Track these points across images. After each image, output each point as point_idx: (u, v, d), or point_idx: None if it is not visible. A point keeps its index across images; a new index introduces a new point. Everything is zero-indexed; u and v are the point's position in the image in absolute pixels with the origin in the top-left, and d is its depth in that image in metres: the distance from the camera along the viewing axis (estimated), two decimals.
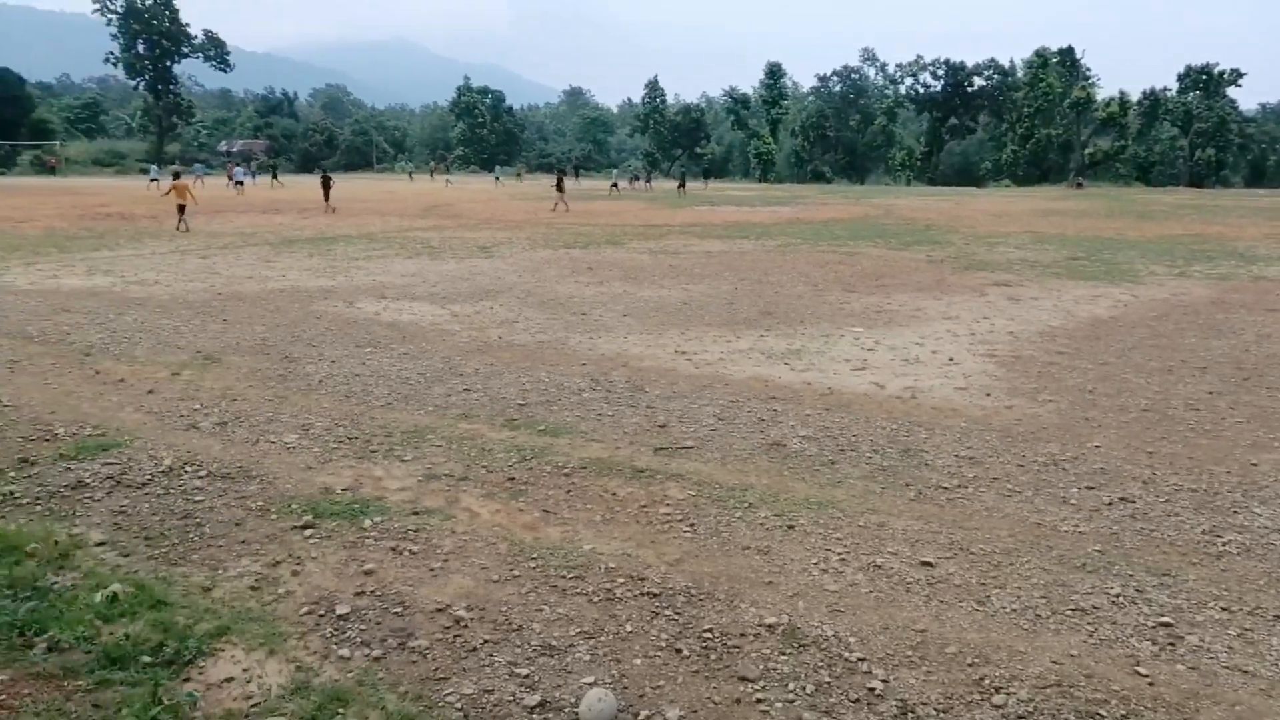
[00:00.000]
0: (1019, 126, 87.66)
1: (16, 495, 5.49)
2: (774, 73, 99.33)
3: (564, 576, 4.52)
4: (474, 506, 5.43)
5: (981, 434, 7.00)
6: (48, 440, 6.52)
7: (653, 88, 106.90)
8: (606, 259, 18.81)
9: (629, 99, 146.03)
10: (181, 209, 24.70)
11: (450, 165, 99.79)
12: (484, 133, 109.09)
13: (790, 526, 5.16)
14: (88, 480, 5.76)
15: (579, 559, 4.72)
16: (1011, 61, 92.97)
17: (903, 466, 6.23)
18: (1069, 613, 4.21)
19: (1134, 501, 5.61)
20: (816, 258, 19.56)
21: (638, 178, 71.32)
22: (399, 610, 4.18)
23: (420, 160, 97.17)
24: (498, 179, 74.98)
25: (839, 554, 4.80)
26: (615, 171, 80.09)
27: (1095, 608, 4.26)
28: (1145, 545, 4.98)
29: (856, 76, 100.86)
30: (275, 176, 58.74)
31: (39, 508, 5.34)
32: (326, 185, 34.87)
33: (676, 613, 4.17)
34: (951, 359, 9.70)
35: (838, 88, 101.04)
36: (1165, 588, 4.47)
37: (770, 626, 4.05)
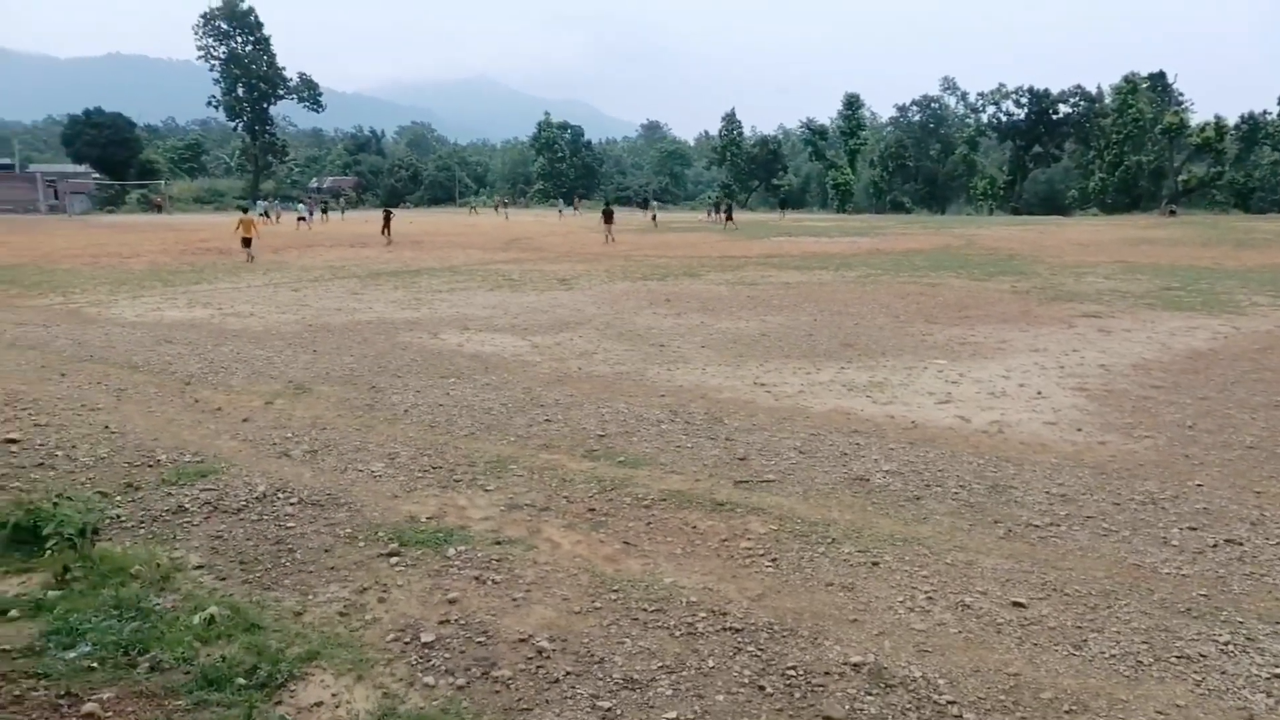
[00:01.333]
0: (1107, 154, 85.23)
1: (123, 519, 5.74)
2: (852, 103, 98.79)
3: (645, 609, 4.51)
4: (555, 537, 5.47)
5: (1073, 470, 6.77)
6: (151, 466, 6.80)
7: (729, 120, 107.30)
8: (684, 290, 18.87)
9: (705, 131, 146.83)
10: (247, 242, 26.40)
11: (531, 199, 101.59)
12: (563, 166, 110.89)
13: (875, 563, 5.06)
14: (187, 505, 5.98)
15: (660, 592, 4.70)
16: (1099, 87, 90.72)
17: (990, 503, 6.06)
18: (1174, 660, 4.02)
19: (1241, 544, 5.34)
20: (897, 289, 19.28)
21: (719, 209, 71.60)
22: (482, 639, 4.23)
23: (499, 193, 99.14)
24: (560, 212, 76.50)
25: (926, 592, 4.68)
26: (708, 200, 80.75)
27: (1202, 656, 4.06)
28: (1255, 590, 4.73)
29: (936, 105, 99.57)
30: (326, 212, 61.38)
31: (143, 531, 5.57)
32: (387, 219, 36.20)
33: (759, 649, 4.12)
34: (1040, 393, 9.43)
35: (917, 117, 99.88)
36: (1279, 636, 4.24)
37: (856, 665, 3.97)
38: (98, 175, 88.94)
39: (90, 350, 11.58)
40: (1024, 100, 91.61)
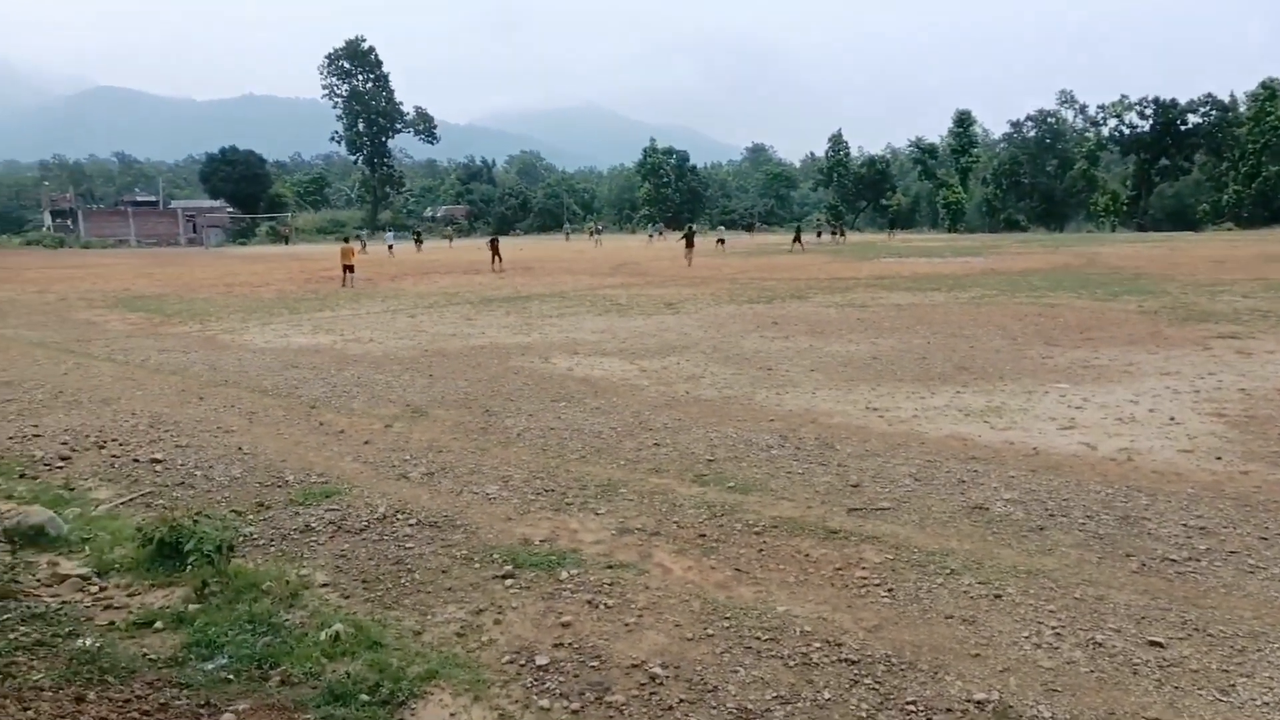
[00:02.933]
0: (1242, 165, 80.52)
1: (255, 537, 6.03)
2: (963, 120, 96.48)
3: (758, 638, 4.46)
4: (666, 562, 5.47)
5: (1213, 501, 6.38)
6: (280, 486, 7.13)
7: (836, 141, 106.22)
8: (791, 313, 18.70)
9: (811, 153, 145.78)
10: (348, 269, 28.51)
11: (638, 224, 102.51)
12: (669, 192, 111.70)
13: (997, 595, 4.87)
14: (314, 525, 6.24)
15: (773, 620, 4.64)
16: (1232, 95, 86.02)
17: (1121, 535, 5.76)
18: None
19: None
20: (1014, 310, 18.63)
21: (834, 230, 70.82)
22: (596, 664, 4.25)
23: (595, 219, 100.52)
24: (650, 236, 77.03)
25: (1053, 627, 4.48)
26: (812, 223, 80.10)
27: None
28: None
29: (1053, 120, 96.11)
30: (419, 241, 63.07)
31: (273, 549, 5.84)
32: (494, 246, 36.92)
33: (877, 682, 4.02)
34: (1173, 418, 8.94)
35: (1032, 132, 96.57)
36: None
37: (979, 703, 3.82)
38: (231, 209, 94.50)
39: (224, 375, 12.25)
40: (1149, 111, 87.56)
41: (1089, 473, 7.17)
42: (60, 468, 7.75)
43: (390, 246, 57.31)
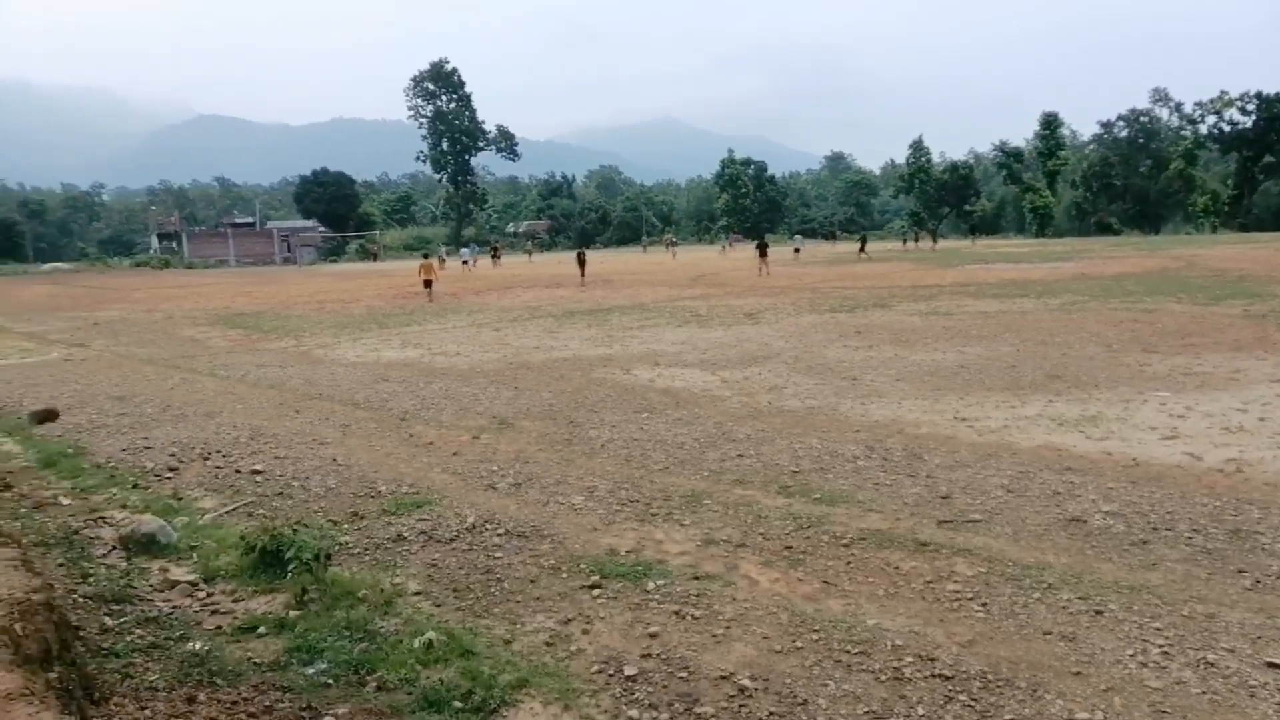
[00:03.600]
0: None
1: (350, 546, 6.21)
2: (1050, 122, 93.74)
3: (848, 651, 4.40)
4: (753, 574, 5.44)
5: None
6: (373, 497, 7.34)
7: (917, 147, 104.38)
8: (875, 322, 18.42)
9: (891, 160, 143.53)
10: (428, 284, 29.75)
11: (715, 235, 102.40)
12: (747, 202, 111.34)
13: (1098, 612, 4.71)
14: (405, 534, 6.40)
15: (863, 634, 4.58)
16: None
17: (1232, 550, 5.51)
18: None
19: None
20: (1108, 316, 17.99)
21: (918, 238, 69.65)
22: (684, 675, 4.26)
23: (667, 232, 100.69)
24: (722, 248, 76.69)
25: (1160, 646, 4.31)
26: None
27: None
28: None
29: (1146, 119, 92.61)
30: (496, 257, 63.33)
31: (367, 558, 6.01)
32: (581, 261, 37.08)
33: (973, 699, 3.92)
34: None
35: (1124, 132, 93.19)
36: None
37: None
38: (323, 228, 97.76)
39: (319, 389, 12.66)
40: (1251, 107, 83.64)
41: (1194, 485, 6.87)
42: (169, 478, 8.11)
43: (465, 262, 58.43)
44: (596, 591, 5.26)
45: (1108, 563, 5.38)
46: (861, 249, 52.40)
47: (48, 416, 10.73)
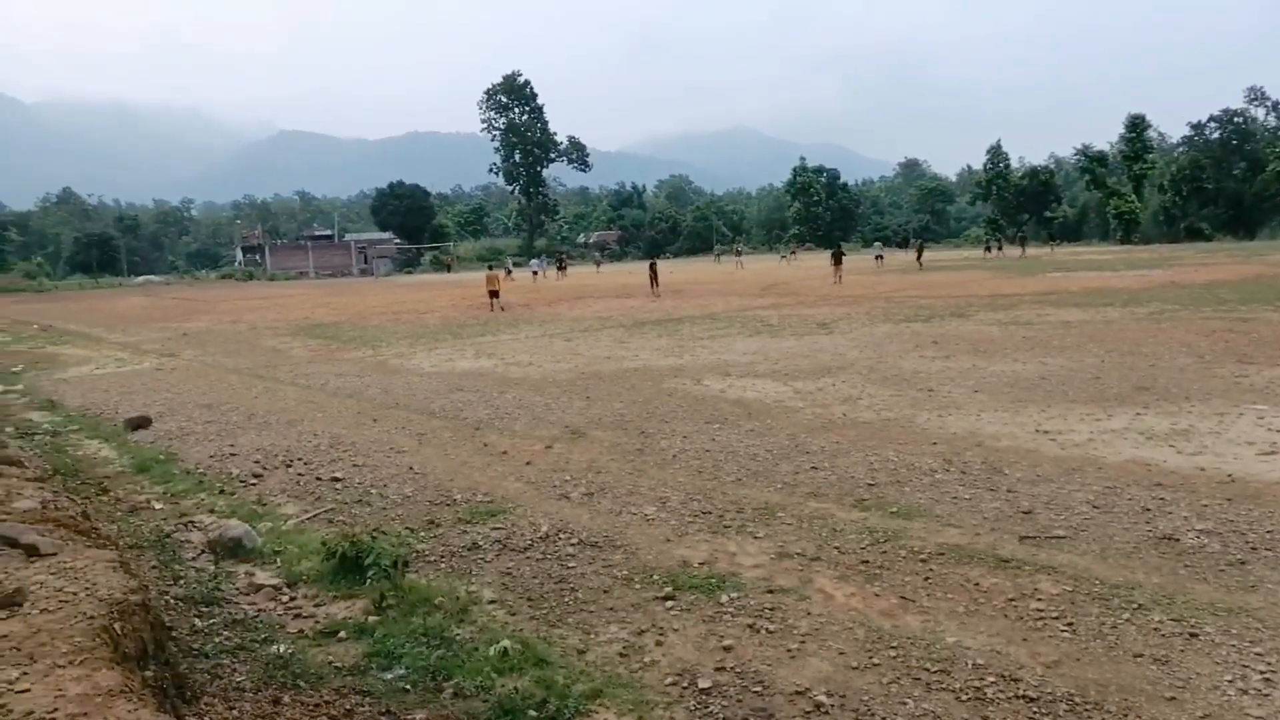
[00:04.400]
0: None
1: (426, 553, 6.32)
2: (1135, 125, 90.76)
3: (927, 669, 4.31)
4: (828, 588, 5.37)
5: None
6: (448, 505, 7.45)
7: (995, 152, 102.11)
8: (951, 332, 18.04)
9: (968, 166, 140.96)
10: (493, 294, 30.52)
11: (786, 244, 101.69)
12: (819, 210, 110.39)
13: (1193, 634, 4.52)
14: (480, 543, 6.48)
15: (943, 651, 4.47)
16: None
17: None
18: None
19: None
20: (1200, 325, 17.30)
21: (1000, 245, 67.99)
22: (759, 689, 4.22)
23: (735, 241, 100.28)
24: (782, 256, 76.07)
25: (1261, 672, 4.11)
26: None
27: None
28: None
29: (1240, 120, 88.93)
30: (562, 269, 63.10)
31: (443, 565, 6.10)
32: (653, 271, 36.70)
33: None
34: None
35: (1216, 134, 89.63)
36: None
37: None
38: (399, 240, 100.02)
39: (395, 398, 12.93)
40: None
41: None
42: (253, 484, 8.37)
43: (535, 273, 59.27)
44: (670, 603, 5.25)
45: (1203, 583, 5.16)
46: (918, 256, 50.96)
47: (141, 424, 11.18)
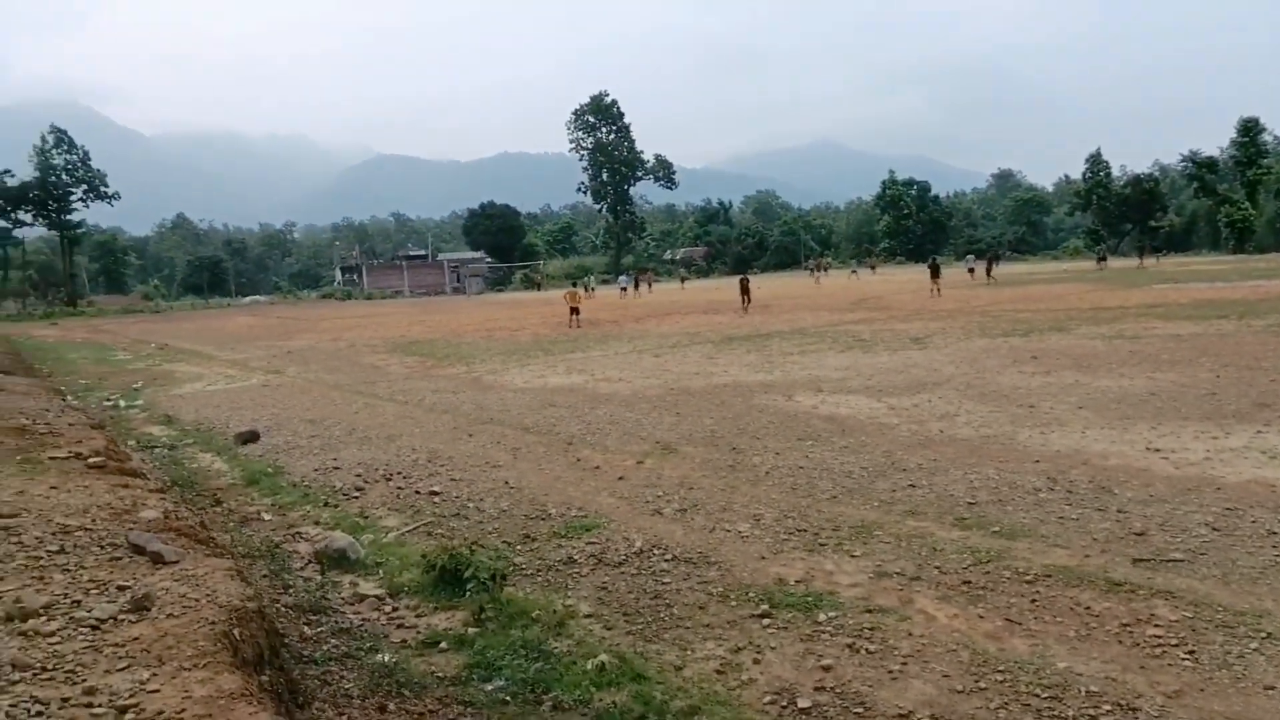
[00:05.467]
0: None
1: (522, 567, 6.40)
2: (1248, 129, 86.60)
3: (1037, 695, 4.16)
4: (929, 609, 5.24)
5: None
6: (544, 519, 7.54)
7: (1094, 160, 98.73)
8: (1052, 346, 17.45)
9: (1065, 176, 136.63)
10: (574, 311, 30.96)
11: (877, 258, 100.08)
12: (909, 223, 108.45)
13: None
14: (576, 557, 6.54)
15: (1053, 677, 4.31)
16: None
17: None
18: None
19: None
20: None
21: (1102, 257, 65.52)
22: (860, 710, 4.14)
23: (817, 255, 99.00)
24: (853, 271, 74.86)
25: None
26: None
27: None
28: None
29: None
30: (638, 285, 62.70)
31: (540, 579, 6.17)
32: (744, 286, 36.28)
33: None
34: None
35: None
36: None
37: None
38: (490, 259, 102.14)
39: (490, 413, 13.17)
40: None
41: None
42: (356, 497, 8.63)
43: (624, 289, 60.24)
44: (766, 621, 5.20)
45: None
46: (988, 270, 47.99)
47: (250, 438, 11.65)
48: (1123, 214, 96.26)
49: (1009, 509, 7.08)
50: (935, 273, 38.32)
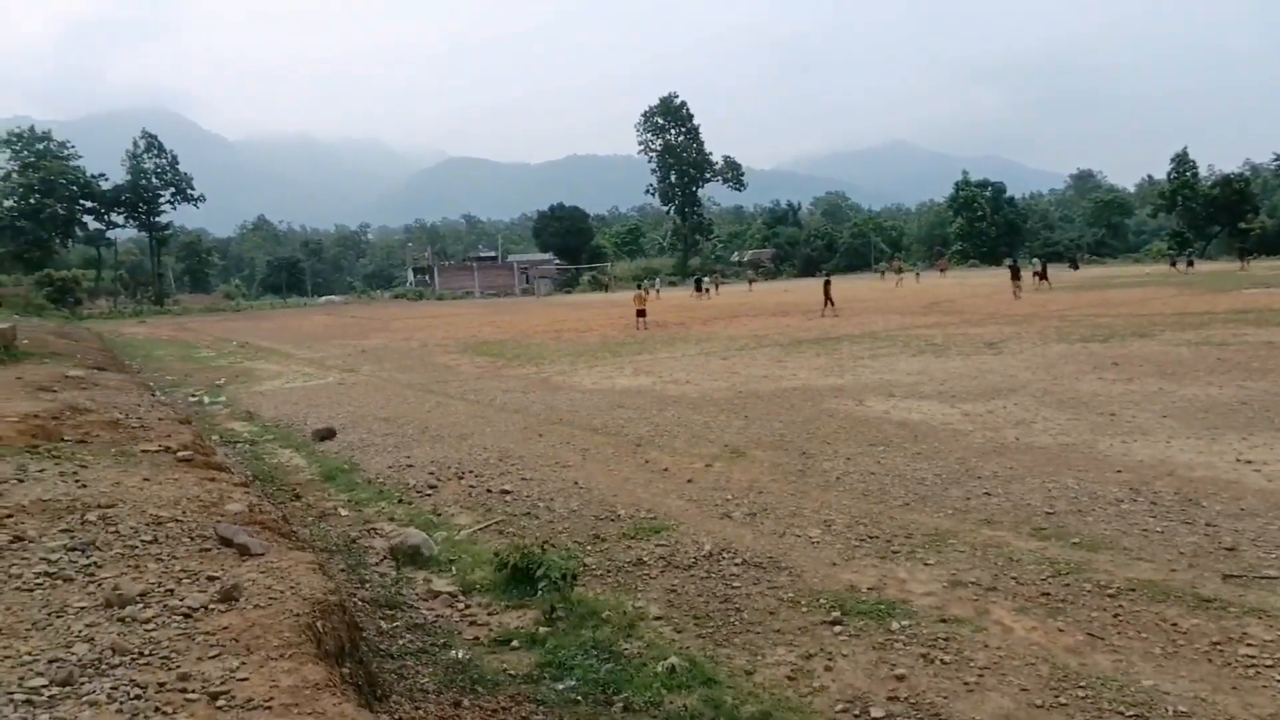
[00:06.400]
0: None
1: (592, 567, 6.45)
2: None
3: (1121, 713, 4.04)
4: (1006, 620, 5.13)
5: None
6: (613, 520, 7.58)
7: (1180, 160, 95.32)
8: (1134, 353, 16.90)
9: (1148, 176, 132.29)
10: (641, 313, 31.05)
11: (950, 260, 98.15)
12: (983, 225, 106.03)
13: None
14: (645, 559, 6.56)
15: (1138, 695, 4.18)
16: None
17: None
18: None
19: None
20: None
21: (1189, 261, 63.18)
22: None
23: (893, 257, 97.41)
24: (915, 274, 73.38)
25: None
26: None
27: None
28: None
29: None
30: (701, 289, 61.10)
31: (609, 580, 6.21)
32: (827, 289, 35.24)
33: None
34: None
35: None
36: None
37: None
38: (558, 261, 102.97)
39: (559, 414, 13.29)
40: None
41: None
42: (429, 495, 8.79)
43: (706, 290, 60.24)
44: (838, 628, 5.15)
45: None
46: (1040, 275, 43.89)
47: (327, 435, 11.96)
48: (1210, 215, 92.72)
49: (1089, 520, 6.89)
50: (1016, 274, 37.99)
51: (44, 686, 3.12)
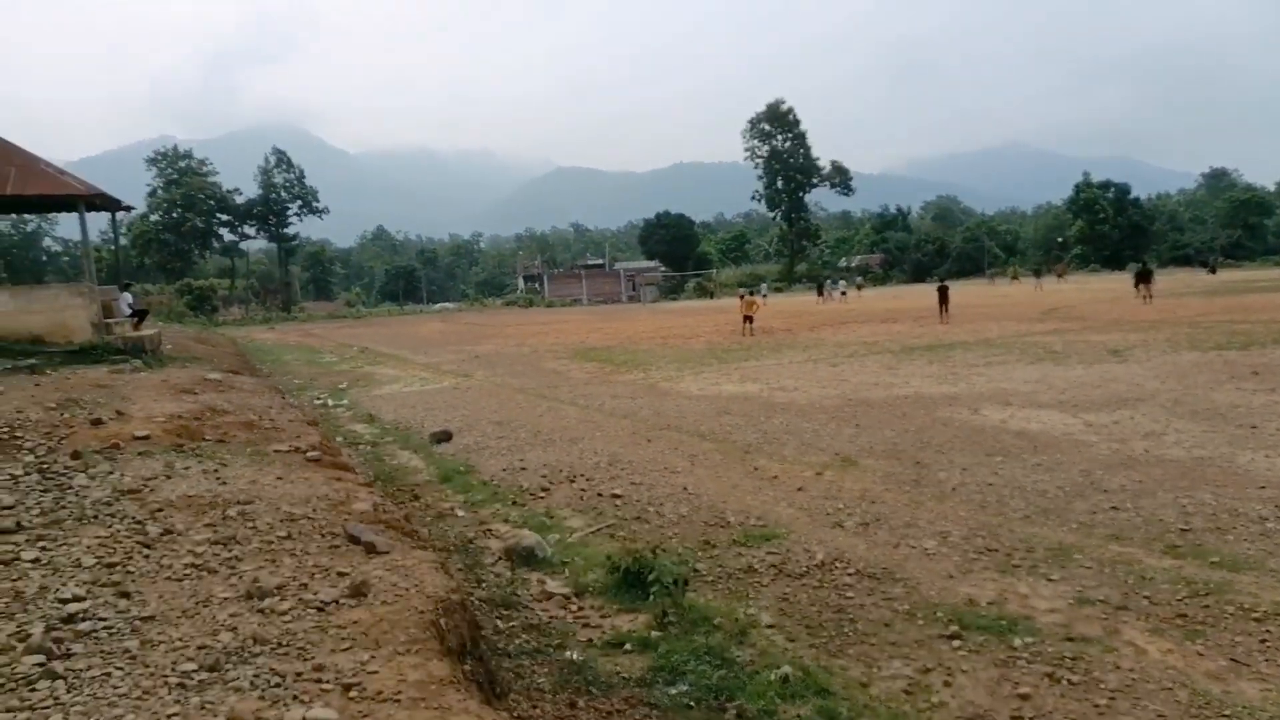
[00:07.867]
0: None
1: (702, 573, 6.46)
2: None
3: None
4: (1138, 641, 4.90)
5: None
6: (722, 527, 7.58)
7: None
8: (1277, 361, 15.87)
9: None
10: (748, 319, 30.96)
11: (1068, 265, 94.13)
12: (1105, 228, 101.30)
13: None
14: (756, 566, 6.53)
15: None
16: None
17: None
18: None
19: None
20: None
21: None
22: None
23: (1011, 263, 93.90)
24: (1016, 278, 70.44)
25: None
26: None
27: None
28: None
29: None
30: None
31: (720, 586, 6.21)
32: (943, 295, 34.08)
33: None
34: None
35: None
36: None
37: None
38: (664, 268, 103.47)
39: (667, 420, 13.35)
40: None
41: None
42: (542, 497, 8.97)
43: (843, 293, 61.41)
44: (956, 643, 5.02)
45: None
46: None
47: (444, 437, 12.33)
48: None
49: (1229, 538, 6.51)
50: (1146, 278, 36.53)
51: (194, 671, 3.33)
